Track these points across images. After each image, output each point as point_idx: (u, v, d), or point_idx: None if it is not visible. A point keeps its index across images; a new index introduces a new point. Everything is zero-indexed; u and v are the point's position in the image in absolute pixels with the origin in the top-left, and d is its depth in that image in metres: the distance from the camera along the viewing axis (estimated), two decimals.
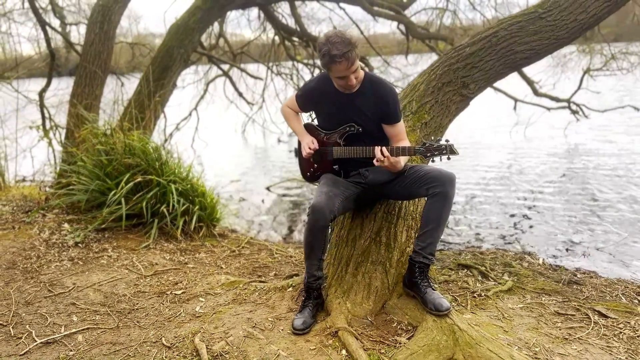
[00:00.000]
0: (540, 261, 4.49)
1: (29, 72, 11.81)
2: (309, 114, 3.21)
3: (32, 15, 9.29)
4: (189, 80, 11.28)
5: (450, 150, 2.57)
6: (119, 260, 4.02)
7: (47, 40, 8.41)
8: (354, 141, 2.88)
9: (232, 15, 13.86)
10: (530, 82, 9.06)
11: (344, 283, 2.92)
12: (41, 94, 8.55)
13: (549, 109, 9.94)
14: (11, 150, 7.53)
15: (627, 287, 3.78)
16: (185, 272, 3.85)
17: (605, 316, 3.06)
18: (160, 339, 2.80)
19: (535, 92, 9.22)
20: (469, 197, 7.05)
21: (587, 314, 3.08)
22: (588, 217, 5.90)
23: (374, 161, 2.67)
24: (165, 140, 11.03)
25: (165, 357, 2.61)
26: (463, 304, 3.20)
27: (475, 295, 3.36)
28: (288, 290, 3.23)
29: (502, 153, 9.91)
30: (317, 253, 2.75)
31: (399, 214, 3.10)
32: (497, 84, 9.51)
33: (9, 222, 4.72)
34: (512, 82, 9.48)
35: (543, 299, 3.37)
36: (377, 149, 2.65)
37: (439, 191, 2.63)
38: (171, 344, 2.73)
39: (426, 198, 2.71)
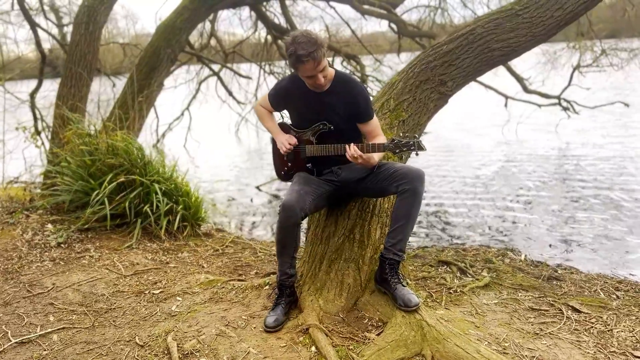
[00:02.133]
0: (522, 257, 4.51)
1: (23, 73, 11.86)
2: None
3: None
4: (181, 79, 11.31)
5: (418, 146, 2.58)
6: (101, 260, 4.04)
7: (37, 41, 8.41)
8: (326, 139, 2.89)
9: (224, 14, 13.87)
10: (520, 79, 9.09)
11: (317, 280, 2.94)
12: (32, 95, 8.57)
13: (539, 105, 9.95)
14: (12, 150, 7.53)
15: (606, 283, 3.80)
16: (166, 272, 3.87)
17: (578, 311, 3.08)
18: (134, 337, 2.81)
19: (525, 89, 9.24)
20: (456, 195, 7.07)
21: (560, 309, 3.09)
22: (573, 214, 5.91)
23: (346, 155, 2.68)
24: (158, 141, 11.09)
25: (137, 356, 2.62)
26: (438, 300, 3.21)
27: (451, 291, 3.38)
28: (265, 288, 3.24)
29: (492, 150, 9.92)
30: (289, 251, 2.76)
31: (373, 211, 3.12)
32: (488, 81, 9.58)
33: None
34: (504, 79, 9.55)
35: (519, 294, 3.39)
36: (348, 147, 2.67)
37: (408, 188, 2.65)
38: (144, 342, 2.75)
39: (396, 195, 2.73)
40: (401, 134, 2.65)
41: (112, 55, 13.29)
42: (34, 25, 8.35)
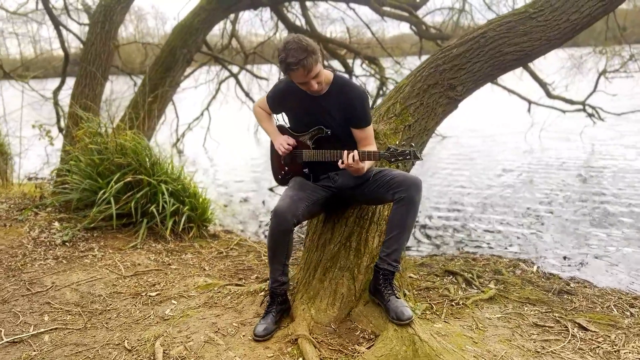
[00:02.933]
0: (534, 269, 4.35)
1: (54, 71, 12.07)
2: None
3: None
4: (202, 80, 11.35)
5: (414, 156, 2.48)
6: (103, 260, 4.03)
7: (61, 40, 8.53)
8: (324, 144, 2.81)
9: (246, 15, 13.87)
10: (543, 84, 8.84)
11: (310, 289, 2.86)
12: (55, 92, 8.71)
13: (564, 111, 9.68)
14: (29, 147, 7.65)
15: (621, 298, 3.63)
16: (166, 274, 3.83)
17: (585, 329, 2.93)
18: (124, 341, 2.78)
19: (549, 94, 8.99)
20: (471, 202, 6.90)
21: (566, 326, 2.95)
22: (592, 227, 5.68)
23: (339, 163, 2.60)
24: (178, 140, 11.18)
25: None
26: (438, 313, 3.10)
27: (453, 303, 3.26)
28: (260, 294, 3.18)
29: (513, 158, 9.68)
30: (280, 258, 2.69)
31: (372, 218, 3.03)
32: (511, 86, 9.36)
33: (2, 219, 4.78)
34: (527, 83, 9.31)
35: (525, 309, 3.25)
36: (346, 153, 2.59)
37: (404, 196, 2.55)
38: (132, 347, 2.71)
39: (392, 203, 2.63)
40: (397, 143, 2.54)
41: (140, 54, 13.46)
42: (57, 25, 8.46)
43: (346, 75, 9.99)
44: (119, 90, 10.38)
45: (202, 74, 11.38)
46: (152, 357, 2.58)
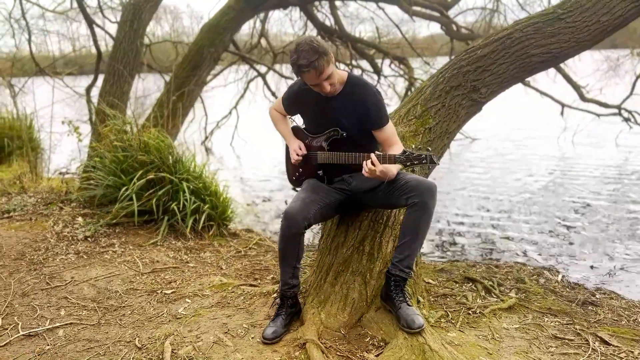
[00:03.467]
0: (559, 278, 4.21)
1: (84, 68, 12.32)
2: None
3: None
4: (231, 79, 11.44)
5: (430, 160, 2.41)
6: (122, 256, 4.07)
7: (94, 38, 8.69)
8: (339, 146, 2.77)
9: (276, 15, 13.93)
10: (576, 87, 8.57)
11: (321, 293, 2.83)
12: (88, 89, 8.89)
13: (598, 115, 9.37)
14: (60, 142, 7.83)
15: None
16: (183, 272, 3.85)
17: (607, 343, 2.81)
18: (135, 339, 2.79)
19: (582, 98, 8.71)
20: (500, 207, 6.75)
21: (587, 340, 2.84)
22: (622, 238, 5.46)
23: (363, 172, 2.53)
24: (206, 138, 11.30)
25: (133, 359, 2.59)
26: (453, 321, 3.02)
27: (470, 311, 3.18)
28: (273, 295, 3.16)
29: (543, 163, 9.43)
30: (291, 260, 2.67)
31: (387, 222, 2.97)
32: (544, 88, 9.12)
33: (29, 213, 4.90)
34: (559, 86, 9.06)
35: (545, 320, 3.14)
36: (365, 161, 2.52)
37: (417, 201, 2.49)
38: (142, 345, 2.72)
39: (405, 208, 2.57)
40: (413, 146, 2.48)
41: (174, 52, 13.69)
42: (91, 23, 8.63)
43: (375, 76, 9.91)
44: (150, 88, 10.56)
45: (231, 73, 11.48)
46: (160, 356, 2.59)
